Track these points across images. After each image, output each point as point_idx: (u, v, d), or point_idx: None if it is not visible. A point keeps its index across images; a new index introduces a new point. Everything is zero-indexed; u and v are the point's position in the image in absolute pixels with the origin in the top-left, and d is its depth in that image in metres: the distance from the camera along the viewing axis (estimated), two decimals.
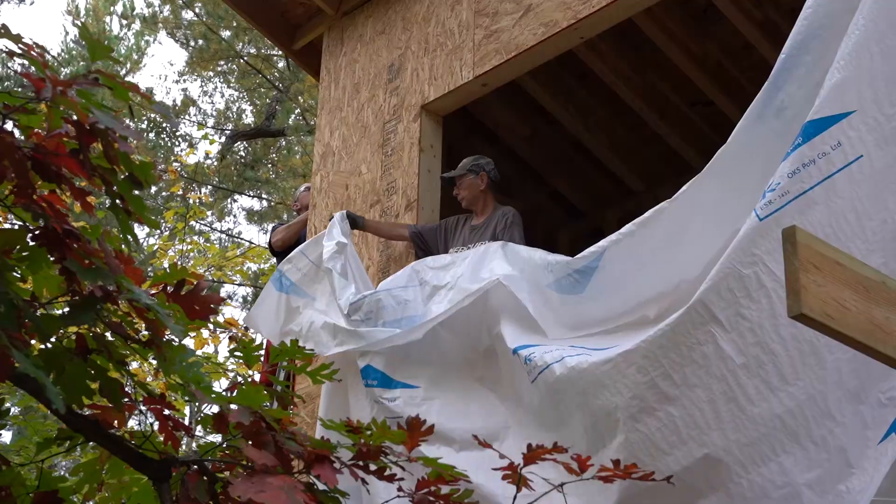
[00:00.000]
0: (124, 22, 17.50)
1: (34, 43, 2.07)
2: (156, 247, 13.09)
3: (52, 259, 2.36)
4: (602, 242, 4.17)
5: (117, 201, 2.27)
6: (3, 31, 1.99)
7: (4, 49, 2.06)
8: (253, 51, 15.92)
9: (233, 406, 2.57)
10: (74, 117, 2.15)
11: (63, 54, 17.24)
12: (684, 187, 3.94)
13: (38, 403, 7.79)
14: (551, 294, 4.33)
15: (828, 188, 3.39)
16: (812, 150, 3.39)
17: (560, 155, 7.73)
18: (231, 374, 11.55)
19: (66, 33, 20.99)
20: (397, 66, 6.15)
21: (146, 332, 2.52)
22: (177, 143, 17.08)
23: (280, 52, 14.08)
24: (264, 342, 5.98)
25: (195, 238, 14.64)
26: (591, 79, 7.05)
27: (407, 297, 4.81)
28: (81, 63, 16.57)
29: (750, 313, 3.43)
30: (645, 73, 7.00)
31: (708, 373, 3.49)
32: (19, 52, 2.05)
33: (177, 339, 2.49)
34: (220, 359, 12.15)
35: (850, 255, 2.82)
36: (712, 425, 3.48)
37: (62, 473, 3.14)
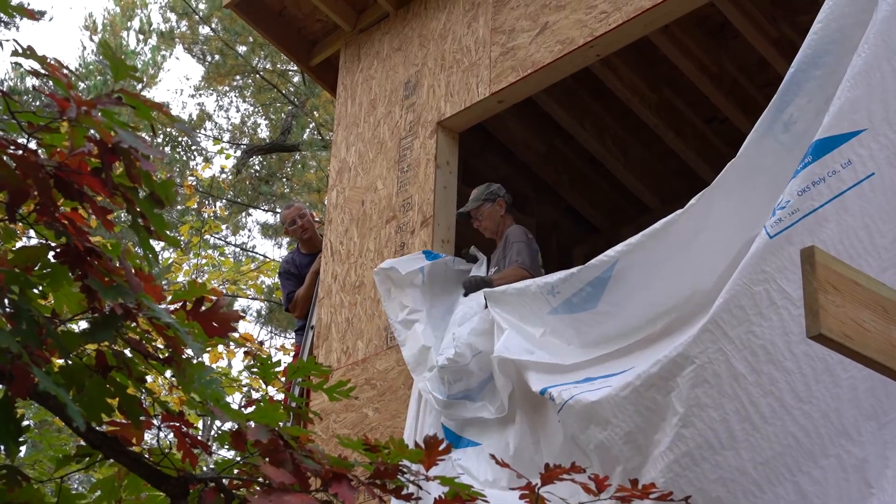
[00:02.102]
0: (141, 37, 17.59)
1: (59, 63, 2.09)
2: (171, 260, 13.14)
3: (72, 276, 2.37)
4: (611, 252, 4.19)
5: (138, 219, 2.29)
6: (29, 52, 2.01)
7: (30, 69, 2.08)
8: (269, 66, 15.98)
9: (250, 423, 2.58)
10: (97, 136, 2.17)
11: (80, 68, 17.33)
12: (694, 199, 3.95)
13: (53, 417, 7.82)
14: (559, 320, 4.32)
15: (838, 206, 3.39)
16: (822, 168, 3.39)
17: (575, 171, 7.73)
18: (245, 389, 11.57)
19: (84, 47, 21.15)
20: (414, 82, 6.17)
21: (165, 349, 2.53)
22: (192, 157, 17.15)
23: (295, 68, 14.15)
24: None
25: (210, 252, 14.68)
26: (606, 95, 7.06)
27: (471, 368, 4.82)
28: (98, 77, 16.66)
29: (762, 331, 3.43)
30: (661, 90, 7.01)
31: (720, 392, 3.48)
32: (44, 72, 2.07)
33: (196, 357, 2.50)
34: (234, 372, 12.18)
35: (867, 274, 2.81)
36: (725, 445, 3.47)
37: (76, 488, 3.14)
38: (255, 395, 11.56)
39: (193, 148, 16.58)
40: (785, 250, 3.40)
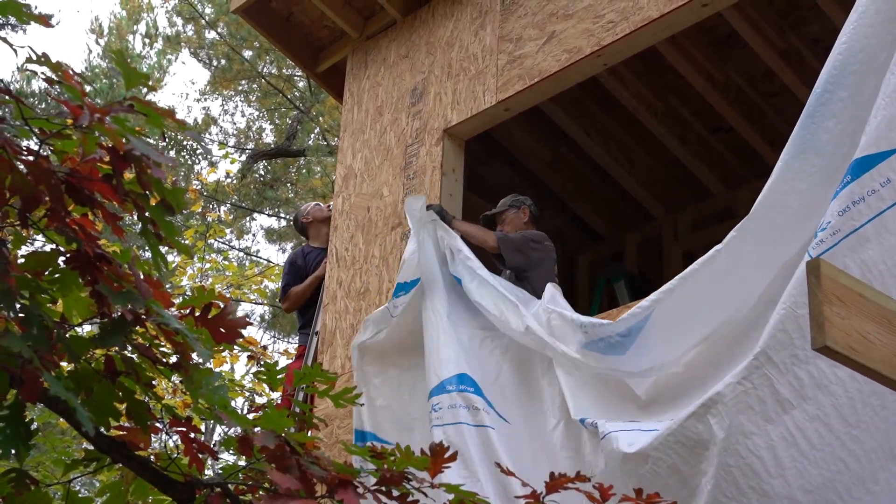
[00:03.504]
0: (147, 41, 17.63)
1: (72, 70, 2.11)
2: (175, 264, 13.16)
3: (82, 282, 2.39)
4: (644, 302, 4.06)
5: (149, 226, 2.30)
6: (43, 58, 2.03)
7: (43, 76, 2.10)
8: (274, 71, 16.01)
9: (257, 429, 2.59)
10: (109, 143, 2.19)
11: (86, 72, 17.37)
12: (732, 232, 3.85)
13: (58, 419, 7.83)
14: (589, 356, 4.26)
15: (878, 225, 3.34)
16: (861, 187, 3.35)
17: (581, 179, 7.75)
18: (248, 394, 11.58)
19: (90, 51, 21.19)
20: (420, 89, 6.19)
21: (173, 355, 2.55)
22: (197, 161, 17.18)
23: (301, 73, 14.18)
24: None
25: (214, 256, 14.70)
26: (612, 104, 7.08)
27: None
28: (104, 80, 16.70)
29: (806, 355, 3.35)
30: (666, 99, 7.03)
31: (765, 418, 3.41)
32: (58, 79, 2.09)
33: (203, 363, 2.51)
34: (237, 376, 12.19)
35: (873, 287, 2.82)
36: (773, 473, 3.40)
37: (80, 492, 3.16)
38: (259, 400, 11.58)
39: (199, 152, 16.61)
40: None
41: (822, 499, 3.33)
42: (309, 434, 3.46)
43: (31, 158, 2.16)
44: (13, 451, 2.17)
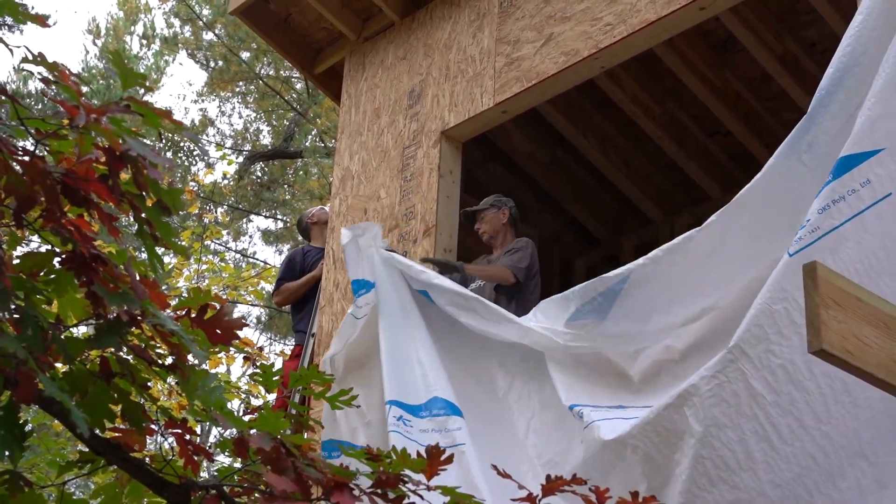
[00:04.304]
0: (144, 42, 17.63)
1: (69, 71, 2.10)
2: (171, 265, 13.14)
3: (78, 283, 2.38)
4: (628, 266, 4.16)
5: (145, 227, 2.30)
6: (39, 58, 2.02)
7: (40, 76, 2.10)
8: (272, 72, 16.01)
9: (253, 431, 2.58)
10: (105, 143, 2.18)
11: (83, 72, 17.36)
12: (714, 216, 3.92)
13: (52, 421, 7.79)
14: (570, 327, 4.31)
15: (858, 225, 3.36)
16: (842, 186, 3.38)
17: (578, 182, 7.74)
18: (244, 395, 11.56)
19: (87, 51, 21.16)
20: (418, 91, 6.19)
21: (169, 356, 2.54)
22: (194, 162, 17.17)
23: (299, 74, 14.17)
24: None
25: (210, 258, 14.69)
26: (610, 107, 7.08)
27: None
28: (101, 81, 16.69)
29: (781, 350, 3.39)
30: (664, 103, 7.03)
31: (738, 412, 3.44)
32: (54, 79, 2.08)
33: (199, 364, 2.51)
34: (233, 377, 12.18)
35: (872, 292, 2.82)
36: (743, 465, 3.43)
37: (73, 493, 3.14)
38: (254, 401, 11.57)
39: (196, 153, 16.60)
40: None
41: (791, 493, 3.37)
42: (305, 436, 3.46)
43: (26, 159, 2.15)
44: (7, 453, 2.16)
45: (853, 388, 3.29)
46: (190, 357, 2.51)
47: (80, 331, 2.85)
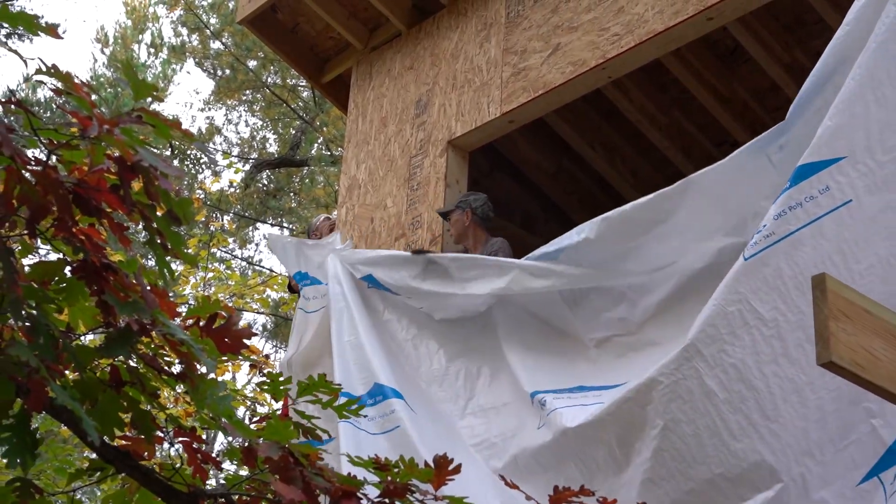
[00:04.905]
0: (152, 50, 17.68)
1: (81, 82, 2.11)
2: (177, 273, 13.16)
3: (89, 291, 2.39)
4: (580, 226, 4.54)
5: (155, 237, 2.31)
6: (53, 70, 2.03)
7: (52, 87, 2.11)
8: (279, 81, 16.04)
9: (261, 440, 2.59)
10: (116, 153, 2.19)
11: (92, 80, 17.41)
12: (676, 184, 4.25)
13: (60, 428, 7.79)
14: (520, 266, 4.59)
15: (815, 230, 3.49)
16: (799, 193, 3.51)
17: (584, 192, 7.75)
18: (250, 403, 11.57)
19: (95, 60, 21.24)
20: (425, 101, 6.20)
21: (178, 364, 2.55)
22: (200, 170, 17.20)
23: (305, 83, 14.20)
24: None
25: (217, 265, 14.71)
26: (617, 117, 7.09)
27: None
28: (109, 90, 16.73)
29: (733, 350, 3.55)
30: (671, 113, 7.03)
31: (693, 408, 3.59)
32: (66, 90, 2.10)
33: (209, 373, 2.51)
34: (238, 385, 12.19)
35: (877, 302, 2.82)
36: (698, 459, 3.57)
37: (85, 502, 3.15)
38: (260, 409, 11.57)
39: (203, 162, 16.63)
40: (759, 272, 3.54)
41: (740, 488, 3.51)
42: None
43: (39, 168, 2.17)
44: (19, 461, 2.17)
45: (803, 389, 3.46)
46: (199, 366, 2.52)
47: (91, 339, 2.86)
